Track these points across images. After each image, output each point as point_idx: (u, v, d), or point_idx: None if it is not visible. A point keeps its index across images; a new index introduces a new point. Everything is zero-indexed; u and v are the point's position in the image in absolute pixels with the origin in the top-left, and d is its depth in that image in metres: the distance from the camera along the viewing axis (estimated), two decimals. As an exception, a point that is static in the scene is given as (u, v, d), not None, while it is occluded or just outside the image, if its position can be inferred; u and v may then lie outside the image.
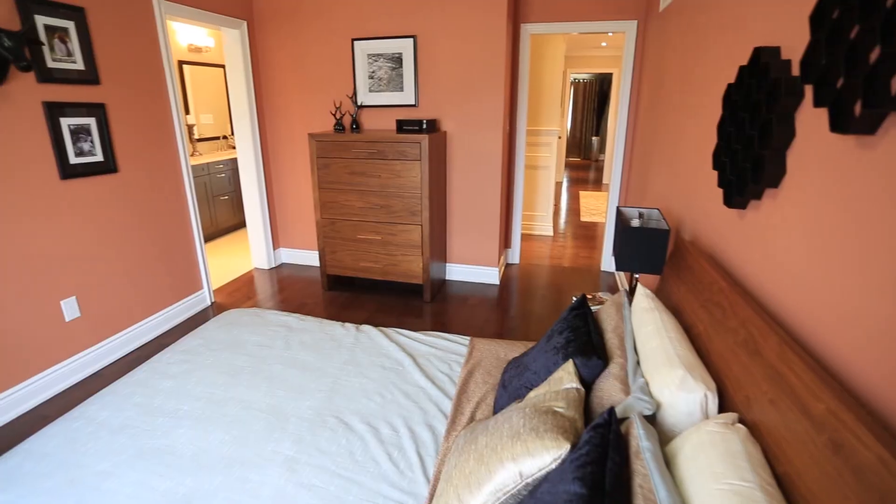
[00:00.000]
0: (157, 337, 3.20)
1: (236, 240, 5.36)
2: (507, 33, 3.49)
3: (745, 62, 1.56)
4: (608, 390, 1.34)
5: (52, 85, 2.47)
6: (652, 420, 1.26)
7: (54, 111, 2.48)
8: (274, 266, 4.48)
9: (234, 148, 6.10)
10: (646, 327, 1.54)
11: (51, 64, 2.46)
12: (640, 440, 1.08)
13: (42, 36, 2.40)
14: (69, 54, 2.55)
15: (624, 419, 1.24)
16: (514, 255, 4.53)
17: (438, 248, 3.77)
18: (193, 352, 2.02)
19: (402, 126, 3.43)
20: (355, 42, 3.75)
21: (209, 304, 3.68)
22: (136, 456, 1.45)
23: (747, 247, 1.48)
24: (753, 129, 1.36)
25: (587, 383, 1.44)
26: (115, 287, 2.91)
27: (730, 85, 1.60)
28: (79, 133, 2.63)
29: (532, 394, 1.43)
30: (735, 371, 1.22)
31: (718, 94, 1.83)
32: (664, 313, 1.57)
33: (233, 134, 6.21)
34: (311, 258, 4.50)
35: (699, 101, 2.10)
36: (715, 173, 1.80)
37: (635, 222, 2.21)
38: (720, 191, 1.73)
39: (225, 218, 5.48)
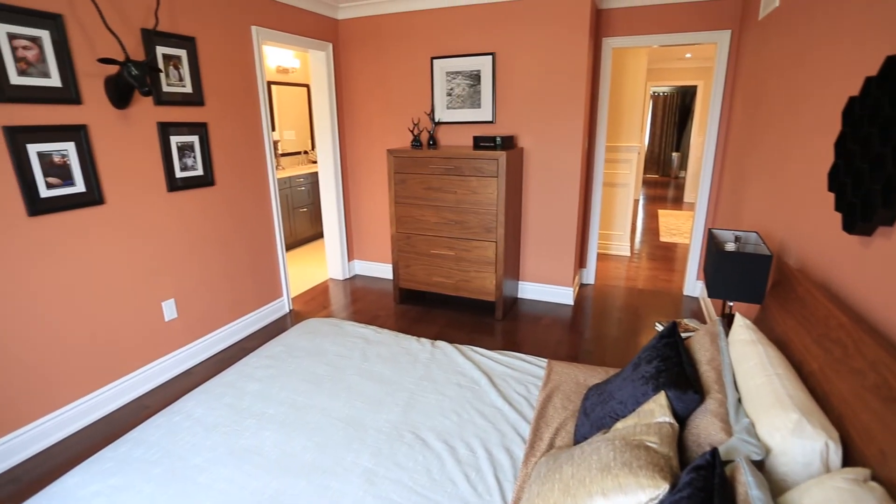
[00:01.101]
0: (240, 341, 3.39)
1: (312, 250, 5.62)
2: (589, 48, 3.42)
3: (872, 73, 1.41)
4: (705, 428, 1.24)
5: (165, 107, 2.73)
6: (759, 466, 1.14)
7: (166, 130, 2.74)
8: (348, 277, 4.64)
9: (313, 163, 6.43)
10: (747, 361, 1.41)
11: (165, 88, 2.72)
12: (750, 488, 0.98)
13: (160, 64, 2.66)
14: (180, 79, 2.81)
15: (727, 462, 1.13)
16: (589, 276, 4.38)
17: (512, 266, 3.73)
18: (277, 357, 2.12)
19: (479, 142, 3.45)
20: (434, 60, 3.84)
21: (287, 311, 3.86)
22: (228, 454, 1.53)
23: (873, 278, 1.32)
24: (886, 147, 1.22)
25: (680, 418, 1.34)
26: (207, 291, 3.13)
27: (852, 98, 1.45)
28: (184, 150, 2.87)
29: (619, 425, 1.35)
30: (863, 419, 1.08)
31: (835, 107, 1.67)
32: (768, 347, 1.43)
33: (313, 149, 6.55)
34: (383, 271, 4.61)
35: (809, 115, 1.92)
36: (830, 195, 1.63)
37: (730, 246, 2.06)
38: (838, 215, 1.56)
39: (303, 229, 5.77)
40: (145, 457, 1.52)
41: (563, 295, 3.93)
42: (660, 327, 2.47)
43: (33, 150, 2.13)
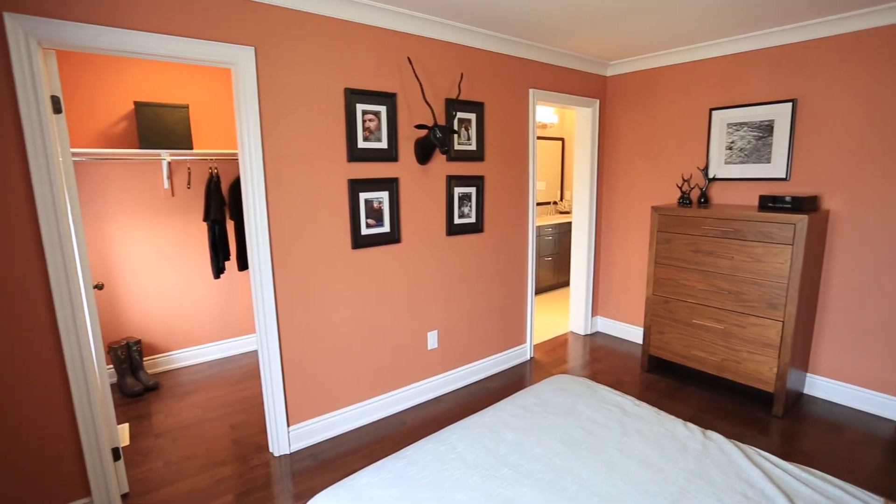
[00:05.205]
0: (483, 379, 3.57)
1: (553, 300, 5.64)
2: (950, 87, 2.61)
3: None
4: None
5: (454, 163, 3.15)
6: None
7: (452, 182, 3.15)
8: (589, 333, 4.47)
9: (561, 213, 6.55)
10: None
11: (456, 146, 3.14)
12: None
13: (456, 126, 3.10)
14: (468, 138, 3.21)
15: None
16: (923, 384, 3.22)
17: (800, 353, 3.01)
18: (530, 409, 2.12)
19: (768, 202, 2.95)
20: (713, 112, 3.51)
21: (528, 358, 3.91)
22: (487, 498, 1.56)
23: None
24: None
25: None
26: (464, 328, 3.41)
27: None
28: (463, 199, 3.25)
29: None
30: None
31: None
32: None
33: (562, 200, 6.70)
34: (628, 332, 4.31)
35: None
36: None
37: None
38: None
39: (545, 277, 5.87)
40: (417, 477, 1.68)
41: (884, 405, 2.96)
42: None
43: (362, 197, 2.70)
